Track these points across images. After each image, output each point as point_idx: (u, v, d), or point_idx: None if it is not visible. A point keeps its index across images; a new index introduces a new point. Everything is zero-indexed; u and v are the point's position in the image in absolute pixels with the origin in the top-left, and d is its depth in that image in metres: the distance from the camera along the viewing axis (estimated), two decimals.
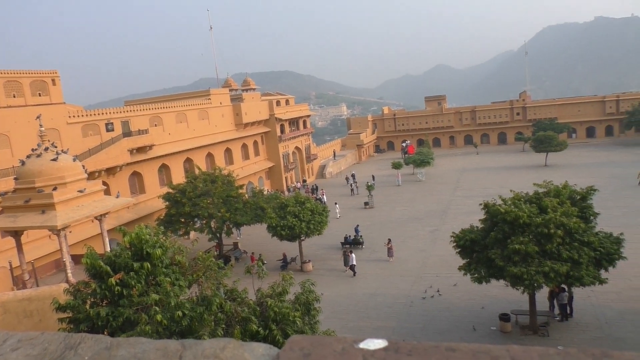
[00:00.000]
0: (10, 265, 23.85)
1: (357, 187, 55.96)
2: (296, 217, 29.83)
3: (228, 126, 54.63)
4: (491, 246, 19.16)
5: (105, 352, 1.44)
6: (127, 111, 41.91)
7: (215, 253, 32.14)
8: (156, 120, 44.64)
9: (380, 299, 25.68)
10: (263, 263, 14.35)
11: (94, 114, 38.84)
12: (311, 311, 12.54)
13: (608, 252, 18.45)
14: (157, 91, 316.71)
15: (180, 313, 9.63)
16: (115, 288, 10.15)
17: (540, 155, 62.58)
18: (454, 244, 21.11)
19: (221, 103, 54.07)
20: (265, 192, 39.02)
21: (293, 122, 67.60)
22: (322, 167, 72.45)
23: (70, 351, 1.47)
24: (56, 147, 23.16)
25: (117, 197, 27.18)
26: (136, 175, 42.08)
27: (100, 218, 23.20)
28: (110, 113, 40.23)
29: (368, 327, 22.46)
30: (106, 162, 36.76)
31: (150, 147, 41.77)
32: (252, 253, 34.46)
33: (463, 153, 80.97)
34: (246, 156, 58.35)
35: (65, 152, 23.42)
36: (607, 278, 18.65)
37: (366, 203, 48.31)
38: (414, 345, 1.26)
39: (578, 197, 20.80)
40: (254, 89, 65.33)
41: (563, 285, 19.61)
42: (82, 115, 37.61)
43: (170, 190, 35.58)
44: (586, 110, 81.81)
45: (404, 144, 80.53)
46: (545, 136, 61.04)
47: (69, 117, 36.14)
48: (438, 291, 25.60)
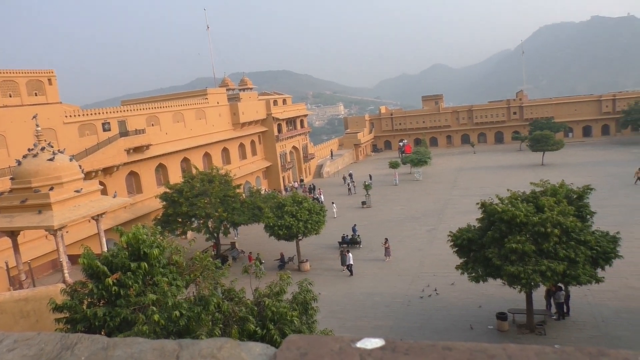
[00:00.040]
0: (6, 265, 23.82)
1: (355, 187, 55.97)
2: (293, 217, 29.82)
3: (225, 126, 54.57)
4: (488, 245, 19.20)
5: (101, 353, 1.44)
6: (124, 111, 41.81)
7: (212, 253, 32.15)
8: (153, 119, 44.56)
9: (377, 298, 25.70)
10: (261, 262, 14.33)
11: (91, 114, 38.74)
12: (309, 311, 12.54)
13: (604, 251, 18.52)
14: (154, 91, 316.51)
15: (177, 313, 9.62)
16: (112, 288, 10.14)
17: (537, 154, 62.71)
18: (451, 243, 21.15)
19: (218, 103, 54.01)
20: (262, 192, 38.98)
21: (290, 122, 67.56)
22: (320, 167, 72.43)
23: (66, 351, 1.47)
24: (53, 147, 23.09)
25: (114, 197, 27.10)
26: (133, 175, 42.00)
27: (97, 218, 23.14)
28: (107, 113, 40.12)
29: (366, 327, 22.48)
30: (103, 162, 36.67)
31: (147, 147, 41.69)
32: (250, 253, 34.43)
33: (460, 152, 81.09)
34: (243, 156, 58.29)
35: (61, 152, 23.35)
36: (604, 277, 18.75)
37: (363, 202, 48.34)
38: (411, 344, 1.26)
39: (575, 196, 20.86)
40: (251, 89, 65.28)
41: (560, 284, 19.68)
42: (79, 115, 37.50)
43: (167, 190, 35.54)
44: (582, 109, 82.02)
45: (401, 144, 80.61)
46: (541, 135, 61.14)
47: (66, 117, 36.04)
48: (435, 290, 25.63)
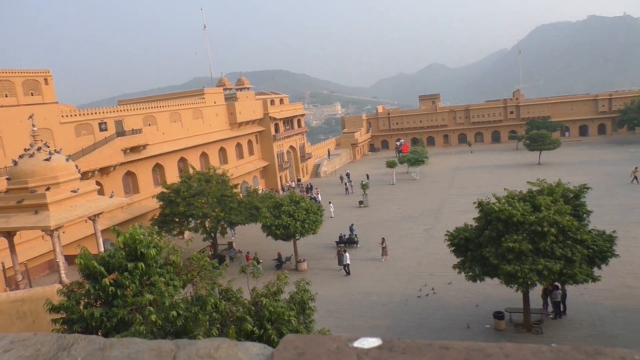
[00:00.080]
0: (3, 266, 23.75)
1: (352, 186, 55.99)
2: (291, 217, 29.79)
3: (222, 125, 54.51)
4: (485, 244, 19.23)
5: (98, 353, 1.44)
6: (121, 111, 41.72)
7: (209, 253, 32.05)
8: (150, 119, 44.48)
9: (375, 298, 25.72)
10: (258, 262, 14.33)
11: (87, 114, 38.64)
12: (306, 310, 12.54)
13: (601, 250, 18.57)
14: (151, 90, 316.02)
15: (174, 313, 9.60)
16: (109, 288, 10.12)
17: (533, 153, 62.86)
18: (449, 243, 21.17)
19: (215, 102, 53.94)
20: (259, 192, 38.97)
21: (287, 121, 67.53)
22: (317, 166, 72.43)
23: (63, 352, 1.47)
24: (49, 147, 23.04)
25: (111, 197, 27.05)
26: (130, 175, 41.91)
27: (93, 218, 23.10)
28: (103, 112, 40.03)
29: (363, 326, 22.49)
30: (100, 162, 36.59)
31: (144, 147, 41.61)
32: (248, 252, 34.41)
33: (457, 152, 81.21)
34: (240, 155, 58.24)
35: (58, 152, 23.30)
36: (600, 275, 18.79)
37: (361, 202, 48.35)
38: (408, 343, 1.26)
39: (571, 195, 20.92)
40: (248, 88, 65.24)
41: (556, 283, 19.74)
42: (75, 114, 37.40)
43: (164, 189, 35.48)
44: (579, 108, 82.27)
45: (398, 143, 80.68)
46: (538, 134, 61.28)
47: (62, 117, 35.94)
48: (433, 289, 25.66)
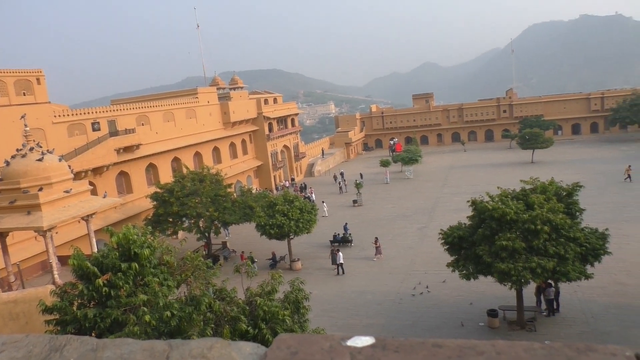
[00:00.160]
0: None
1: (346, 185, 56.04)
2: (285, 216, 29.78)
3: (216, 125, 54.36)
4: (479, 243, 19.32)
5: (91, 354, 1.43)
6: (114, 110, 41.50)
7: (203, 252, 32.00)
8: (143, 119, 44.28)
9: (369, 297, 25.76)
10: (253, 262, 14.32)
11: (80, 114, 38.40)
12: (300, 309, 12.55)
13: (593, 248, 18.71)
14: (144, 90, 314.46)
15: (168, 313, 9.58)
16: (102, 289, 10.07)
17: (526, 152, 63.14)
18: (442, 241, 21.25)
19: (209, 102, 53.79)
20: (253, 191, 38.92)
21: (281, 121, 67.47)
22: (311, 166, 72.43)
23: (55, 353, 1.46)
24: (41, 147, 22.90)
25: (104, 197, 26.93)
26: (123, 175, 41.72)
27: (87, 218, 22.98)
28: (96, 112, 39.80)
29: (357, 325, 22.52)
30: (92, 162, 36.37)
31: (137, 147, 41.41)
32: (242, 252, 34.36)
33: (451, 150, 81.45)
34: (234, 155, 58.12)
35: (50, 152, 23.17)
36: (593, 273, 18.93)
37: (355, 201, 48.39)
38: (401, 342, 1.27)
39: (564, 194, 21.04)
40: (242, 88, 65.10)
41: (550, 280, 19.86)
42: (68, 114, 37.16)
43: (158, 189, 35.34)
44: (572, 107, 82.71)
45: (392, 142, 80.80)
46: (531, 133, 61.57)
47: (55, 117, 35.69)
48: (427, 288, 25.74)
